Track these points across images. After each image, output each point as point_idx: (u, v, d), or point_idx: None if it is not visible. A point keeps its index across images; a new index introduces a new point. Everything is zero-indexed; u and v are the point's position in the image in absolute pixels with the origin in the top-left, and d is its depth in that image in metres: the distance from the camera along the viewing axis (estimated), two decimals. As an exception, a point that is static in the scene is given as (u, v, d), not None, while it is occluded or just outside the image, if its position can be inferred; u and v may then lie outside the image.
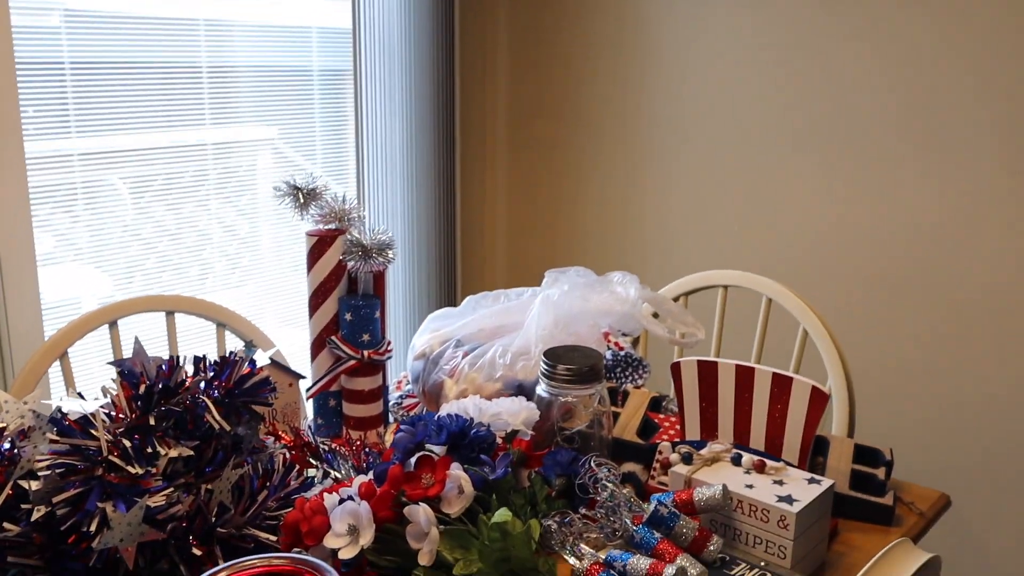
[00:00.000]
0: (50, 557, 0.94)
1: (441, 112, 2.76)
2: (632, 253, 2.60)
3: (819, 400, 1.19)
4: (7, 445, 0.99)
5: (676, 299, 1.81)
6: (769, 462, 1.16)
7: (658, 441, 1.31)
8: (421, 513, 0.88)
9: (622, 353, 1.52)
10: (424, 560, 0.88)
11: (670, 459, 1.18)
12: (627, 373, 1.49)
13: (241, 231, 2.48)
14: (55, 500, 0.89)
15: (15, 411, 1.01)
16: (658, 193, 2.53)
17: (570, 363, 1.22)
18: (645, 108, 2.51)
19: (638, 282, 1.44)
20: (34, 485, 0.92)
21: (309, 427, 1.41)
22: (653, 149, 2.51)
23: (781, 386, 1.21)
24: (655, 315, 1.55)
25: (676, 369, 1.28)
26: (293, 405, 1.39)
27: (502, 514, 0.92)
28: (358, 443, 1.34)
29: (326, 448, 1.27)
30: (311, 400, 1.44)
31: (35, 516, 0.91)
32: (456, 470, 0.94)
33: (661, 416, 1.39)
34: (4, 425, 1.01)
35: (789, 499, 1.08)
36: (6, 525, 0.95)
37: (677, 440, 1.31)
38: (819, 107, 2.22)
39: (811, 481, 1.13)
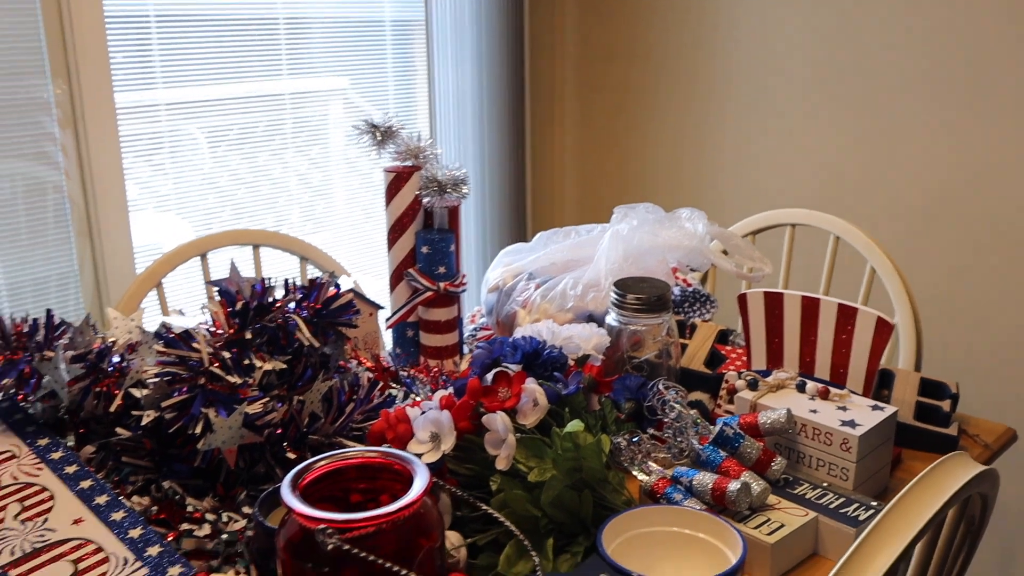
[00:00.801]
0: (159, 459, 1.03)
1: (511, 56, 2.79)
2: (700, 192, 2.62)
3: (884, 330, 1.22)
4: (117, 358, 1.08)
5: (743, 238, 1.83)
6: (833, 389, 1.19)
7: (725, 371, 1.35)
8: (499, 420, 0.94)
9: (690, 289, 1.56)
10: (501, 465, 0.94)
11: (736, 385, 1.22)
12: (695, 308, 1.53)
13: (314, 180, 2.55)
14: (163, 405, 0.97)
15: (123, 327, 1.09)
16: (727, 132, 2.53)
17: (639, 293, 1.27)
18: (716, 47, 2.51)
19: (706, 218, 1.47)
20: (143, 392, 1.00)
21: (389, 355, 1.48)
22: (722, 88, 2.51)
23: (846, 316, 1.24)
24: (724, 252, 1.58)
25: (743, 300, 1.32)
26: (373, 334, 1.46)
27: (574, 425, 0.97)
28: (435, 370, 1.41)
29: (405, 374, 1.34)
30: (390, 330, 1.51)
31: (145, 421, 0.99)
32: (531, 384, 0.99)
33: (728, 348, 1.43)
34: (114, 340, 1.09)
35: (852, 423, 1.12)
36: (119, 430, 1.03)
37: (744, 370, 1.35)
38: (893, 44, 2.20)
39: (874, 408, 1.16)
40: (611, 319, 1.30)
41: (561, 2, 2.85)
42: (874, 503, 1.06)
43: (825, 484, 1.10)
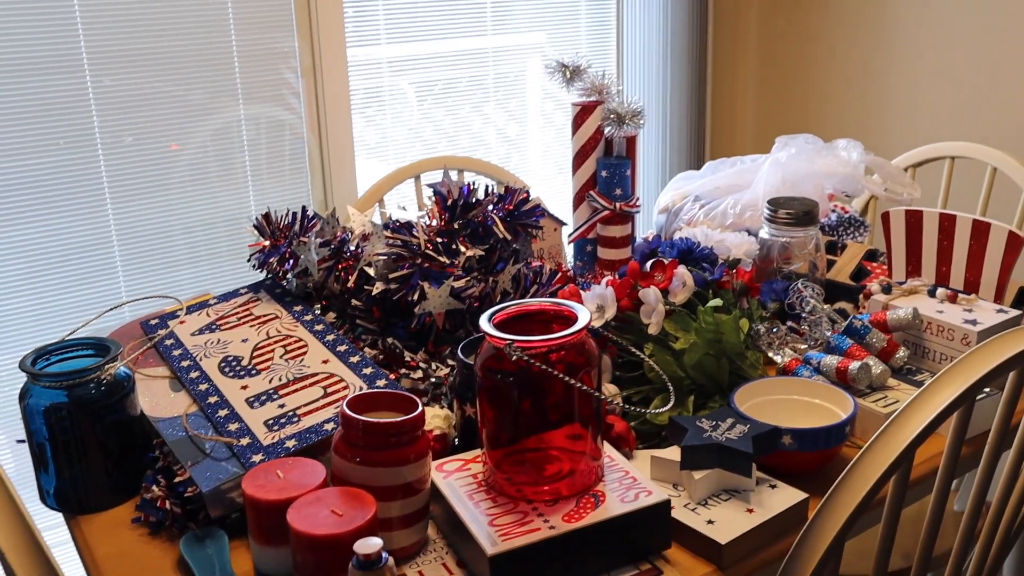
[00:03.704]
0: (384, 324, 1.31)
1: (696, 12, 2.95)
2: (869, 126, 2.68)
3: (1015, 243, 1.34)
4: (353, 246, 1.37)
5: (905, 170, 1.94)
6: (961, 295, 1.32)
7: (867, 283, 1.50)
8: (652, 293, 1.15)
9: (846, 215, 1.70)
10: (652, 330, 1.16)
11: (871, 290, 1.38)
12: (849, 231, 1.67)
13: (511, 133, 2.80)
14: (390, 277, 1.25)
15: (359, 221, 1.38)
16: (893, 72, 2.57)
17: (789, 208, 1.44)
18: None
19: (861, 148, 1.61)
20: (374, 269, 1.28)
21: (569, 265, 1.71)
22: (887, 28, 2.57)
23: (980, 231, 1.37)
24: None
25: (886, 218, 1.46)
26: (557, 247, 1.70)
27: (715, 302, 1.17)
28: (609, 278, 1.63)
29: (582, 279, 1.57)
30: (572, 245, 1.74)
31: (375, 291, 1.27)
32: (681, 269, 1.20)
33: (874, 264, 1.57)
34: (352, 230, 1.38)
35: (974, 322, 1.26)
36: (354, 301, 1.32)
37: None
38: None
39: (999, 311, 1.29)
40: (763, 232, 1.48)
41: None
42: (987, 388, 1.20)
43: (946, 375, 1.24)
